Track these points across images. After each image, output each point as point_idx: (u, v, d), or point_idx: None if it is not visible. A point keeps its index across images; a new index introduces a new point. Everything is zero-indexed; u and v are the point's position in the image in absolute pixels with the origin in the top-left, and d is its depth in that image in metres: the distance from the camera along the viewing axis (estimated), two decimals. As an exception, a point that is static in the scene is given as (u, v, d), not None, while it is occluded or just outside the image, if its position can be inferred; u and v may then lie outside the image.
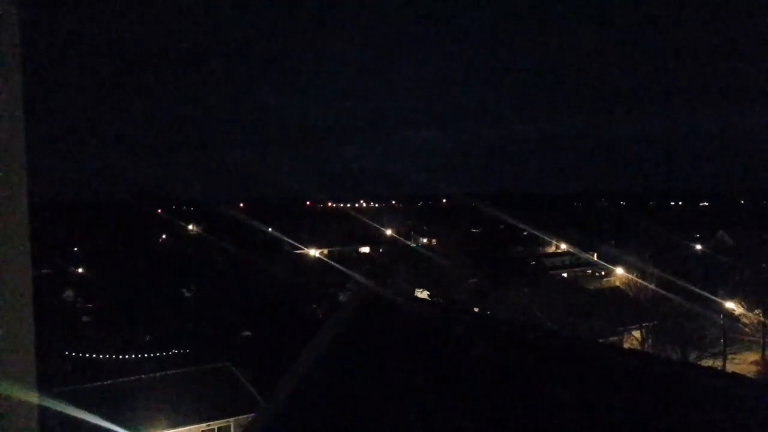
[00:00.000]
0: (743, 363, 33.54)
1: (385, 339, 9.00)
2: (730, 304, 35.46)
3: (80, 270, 57.82)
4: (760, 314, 36.53)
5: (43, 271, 49.42)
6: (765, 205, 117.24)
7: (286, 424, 9.25)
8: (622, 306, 37.42)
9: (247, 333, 36.21)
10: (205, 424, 22.56)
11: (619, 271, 50.20)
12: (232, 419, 23.07)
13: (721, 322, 34.64)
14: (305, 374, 9.33)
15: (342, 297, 35.18)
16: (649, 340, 34.96)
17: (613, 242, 63.13)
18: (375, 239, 74.50)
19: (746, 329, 36.33)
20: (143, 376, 24.52)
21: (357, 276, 38.38)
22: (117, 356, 30.41)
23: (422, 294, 45.82)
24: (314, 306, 40.36)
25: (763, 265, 50.86)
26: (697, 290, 34.50)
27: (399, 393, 7.63)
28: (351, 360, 8.82)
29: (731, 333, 35.29)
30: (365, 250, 72.16)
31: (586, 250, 61.13)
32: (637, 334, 35.92)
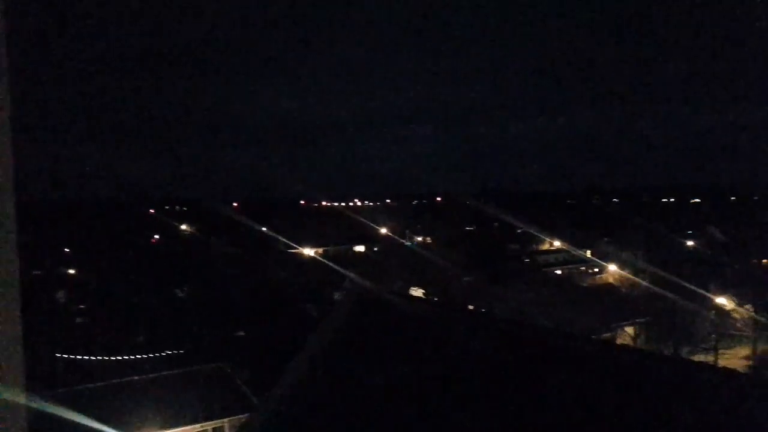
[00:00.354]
0: (734, 358, 33.80)
1: (381, 338, 8.98)
2: (721, 300, 35.77)
3: (72, 271, 57.48)
4: (751, 309, 36.84)
5: (33, 272, 49.09)
6: (754, 201, 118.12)
7: (282, 424, 9.21)
8: (615, 302, 37.73)
9: (241, 333, 36.13)
10: (198, 425, 22.48)
11: (612, 267, 50.53)
12: (226, 420, 22.99)
13: (712, 317, 34.91)
14: (301, 374, 9.29)
15: (337, 296, 35.20)
16: (642, 336, 35.22)
17: (606, 239, 63.50)
18: (370, 238, 74.48)
19: (737, 324, 36.61)
20: (135, 377, 24.39)
21: (352, 275, 38.39)
22: (110, 357, 30.25)
23: (417, 292, 45.91)
24: (309, 305, 40.31)
25: (753, 260, 51.37)
26: (689, 286, 34.81)
27: (396, 392, 7.62)
28: (347, 359, 8.79)
29: (722, 328, 35.56)
30: (360, 248, 72.17)
31: (580, 247, 61.47)
32: (629, 330, 36.18)
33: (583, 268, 59.76)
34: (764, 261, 52.45)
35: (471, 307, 35.45)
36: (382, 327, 9.29)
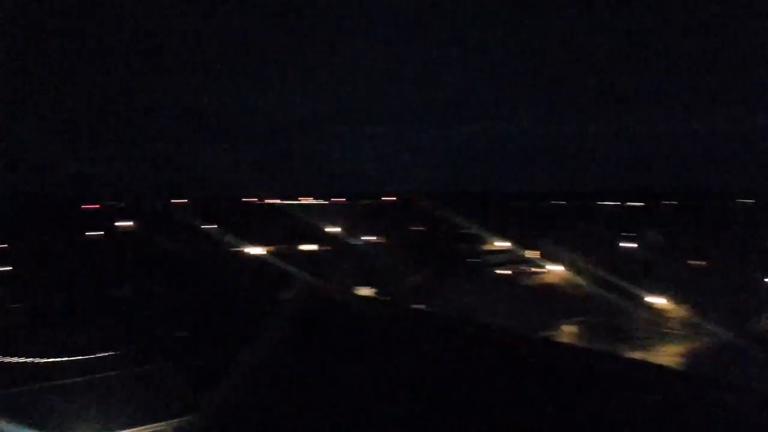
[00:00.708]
0: (669, 355, 35.36)
1: (329, 336, 8.96)
2: (657, 299, 37.55)
3: (6, 268, 54.79)
4: (687, 308, 38.70)
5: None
6: (695, 205, 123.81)
7: (223, 425, 9.00)
8: (557, 301, 38.97)
9: (184, 333, 35.24)
10: (136, 429, 21.78)
11: (557, 268, 52.11)
12: (165, 423, 22.38)
13: (649, 315, 36.52)
14: (246, 374, 9.14)
15: (284, 296, 34.80)
16: (581, 334, 36.46)
17: (552, 240, 65.37)
18: (320, 237, 74.06)
19: (671, 323, 38.36)
20: (70, 380, 23.47)
21: (300, 274, 38.06)
22: (45, 359, 28.93)
23: (366, 291, 46.05)
24: (255, 305, 39.72)
25: (689, 261, 54.02)
26: (628, 286, 36.43)
27: (342, 388, 7.58)
28: (294, 358, 8.71)
29: (658, 326, 37.19)
30: (310, 247, 71.55)
31: (527, 248, 63.08)
32: (570, 327, 37.43)
33: (529, 268, 61.24)
34: (699, 263, 55.16)
35: (419, 306, 35.79)
36: (330, 325, 9.27)
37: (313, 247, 70.80)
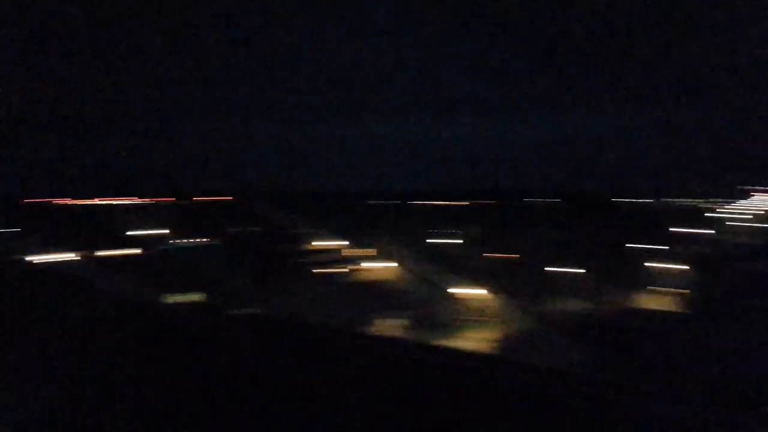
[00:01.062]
0: (480, 340, 38.46)
1: (143, 343, 8.08)
2: (478, 290, 41.10)
3: None
4: (501, 298, 42.55)
5: None
6: (516, 203, 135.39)
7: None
8: (383, 297, 40.73)
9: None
10: None
11: (389, 264, 54.39)
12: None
13: (463, 305, 39.82)
14: (47, 386, 8.13)
15: (80, 308, 31.47)
16: (401, 325, 38.57)
17: (387, 237, 67.82)
18: (140, 239, 68.69)
19: (487, 311, 41.92)
20: None
21: (110, 282, 35.06)
22: None
23: (194, 297, 43.91)
24: (41, 317, 35.44)
25: (506, 255, 59.45)
26: (451, 279, 39.27)
27: (153, 394, 7.03)
28: (98, 368, 7.81)
29: (473, 314, 40.41)
30: (128, 251, 66.02)
31: (361, 246, 64.61)
32: (394, 321, 39.30)
33: (362, 264, 62.67)
34: (514, 256, 60.71)
35: (246, 310, 34.91)
36: (147, 334, 8.54)
37: (135, 251, 65.49)
